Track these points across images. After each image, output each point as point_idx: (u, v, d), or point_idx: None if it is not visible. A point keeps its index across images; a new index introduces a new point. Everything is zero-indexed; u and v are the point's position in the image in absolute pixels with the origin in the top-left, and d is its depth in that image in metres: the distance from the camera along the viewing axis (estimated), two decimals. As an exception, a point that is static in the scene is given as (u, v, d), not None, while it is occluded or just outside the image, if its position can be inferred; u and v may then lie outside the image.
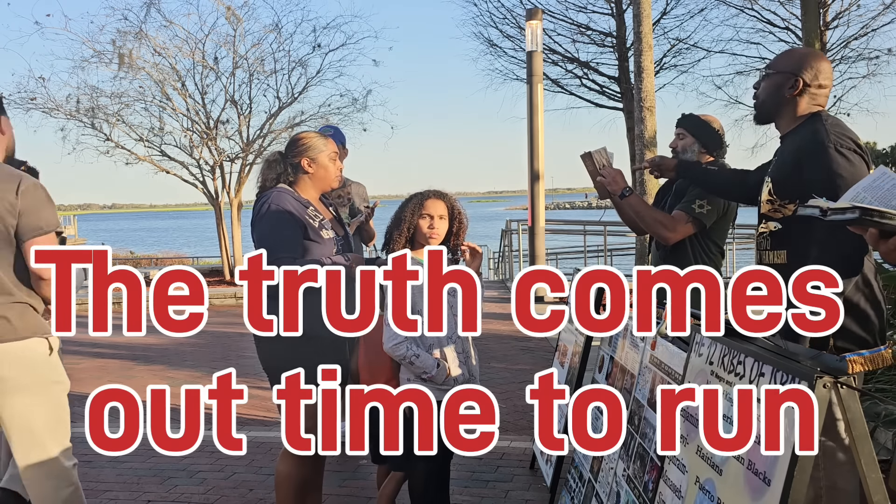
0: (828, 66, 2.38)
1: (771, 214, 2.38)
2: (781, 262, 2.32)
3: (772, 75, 2.39)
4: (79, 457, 4.25)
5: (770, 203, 2.38)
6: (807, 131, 2.29)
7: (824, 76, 2.35)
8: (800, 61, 2.37)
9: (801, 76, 2.33)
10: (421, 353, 2.58)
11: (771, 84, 2.39)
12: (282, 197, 2.72)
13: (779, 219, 2.35)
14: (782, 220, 2.34)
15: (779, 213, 2.34)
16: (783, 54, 2.47)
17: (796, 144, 2.32)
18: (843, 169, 2.14)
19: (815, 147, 2.21)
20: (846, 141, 2.19)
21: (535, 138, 10.27)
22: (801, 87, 2.33)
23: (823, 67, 2.36)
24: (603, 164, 3.11)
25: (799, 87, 2.33)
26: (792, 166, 2.30)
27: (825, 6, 13.23)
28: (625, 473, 2.43)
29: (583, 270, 2.59)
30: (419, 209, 2.66)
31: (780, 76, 2.37)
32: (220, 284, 12.90)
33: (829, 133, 2.21)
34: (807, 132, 2.28)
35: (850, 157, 2.16)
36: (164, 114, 13.38)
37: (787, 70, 2.36)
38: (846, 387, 1.49)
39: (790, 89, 2.34)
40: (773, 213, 2.37)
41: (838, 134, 2.21)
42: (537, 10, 10.47)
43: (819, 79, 2.34)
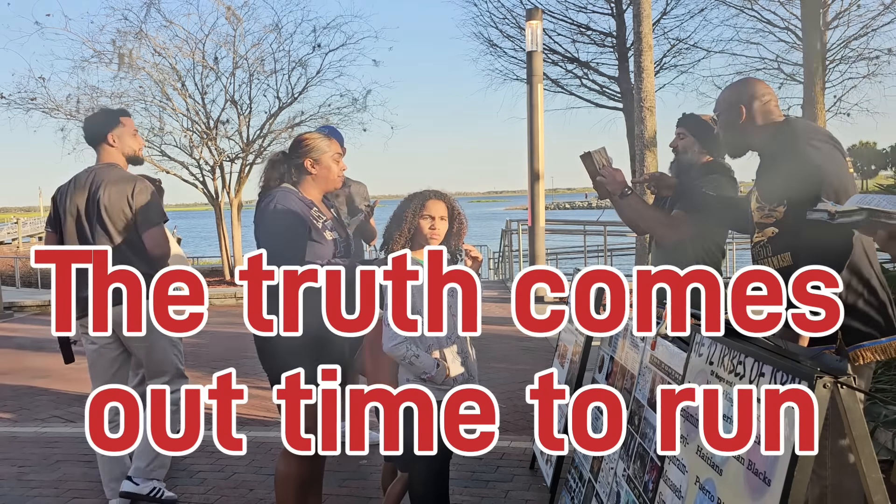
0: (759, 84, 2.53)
1: (764, 221, 2.42)
2: (787, 265, 2.32)
3: (720, 116, 2.57)
4: (79, 457, 4.27)
5: (760, 210, 2.43)
6: (779, 136, 2.41)
7: (761, 91, 2.49)
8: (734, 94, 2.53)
9: (742, 104, 2.48)
10: (420, 353, 2.58)
11: (722, 123, 2.57)
12: (287, 196, 2.73)
13: (772, 223, 2.37)
14: (777, 223, 2.36)
15: (771, 217, 2.37)
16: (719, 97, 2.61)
17: (772, 151, 2.43)
18: (818, 158, 2.23)
19: (790, 145, 2.32)
20: (816, 134, 2.33)
21: (535, 138, 10.26)
22: (746, 112, 2.47)
23: (755, 86, 2.51)
24: (602, 164, 3.11)
25: (744, 114, 2.47)
26: (772, 171, 2.40)
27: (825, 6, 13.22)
28: (625, 473, 2.43)
29: (583, 270, 2.59)
30: (420, 210, 2.66)
31: (725, 113, 2.53)
32: (220, 284, 12.91)
33: (798, 132, 2.33)
34: (779, 136, 2.40)
35: (821, 147, 2.26)
36: (164, 114, 13.41)
37: (728, 105, 2.52)
38: (846, 387, 1.49)
39: (738, 119, 2.48)
40: (765, 218, 2.41)
41: (806, 131, 2.34)
42: (537, 10, 10.47)
43: (758, 97, 2.48)
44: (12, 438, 4.70)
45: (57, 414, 5.22)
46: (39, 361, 7.14)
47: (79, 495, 3.70)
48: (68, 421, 5.06)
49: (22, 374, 6.62)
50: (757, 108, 2.46)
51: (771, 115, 2.47)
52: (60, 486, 3.84)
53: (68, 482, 3.89)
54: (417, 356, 2.57)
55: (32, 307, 11.34)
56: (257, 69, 13.30)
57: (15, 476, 4.01)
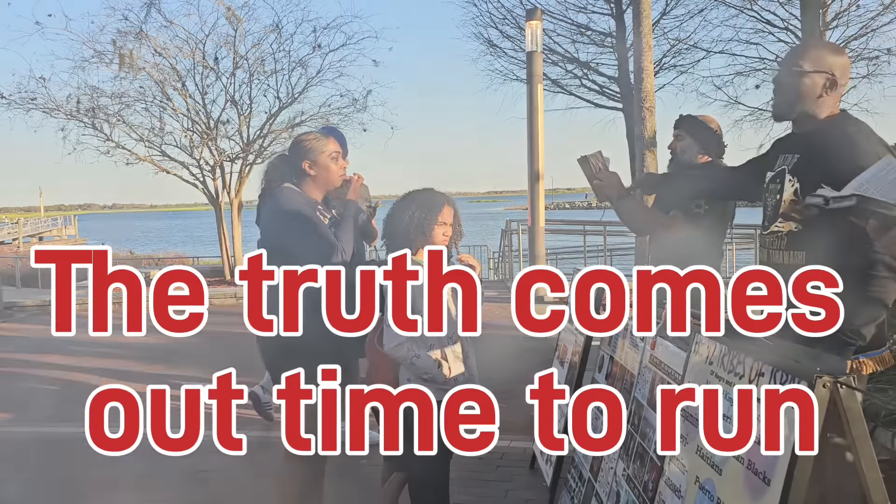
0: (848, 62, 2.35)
1: (792, 214, 2.29)
2: (797, 263, 2.26)
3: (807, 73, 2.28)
4: (79, 457, 4.26)
5: (794, 203, 2.28)
6: (838, 132, 2.23)
7: (847, 72, 2.32)
8: (834, 59, 2.30)
9: (834, 74, 2.27)
10: (421, 353, 2.58)
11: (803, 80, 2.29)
12: (293, 196, 2.73)
13: (799, 220, 2.27)
14: (803, 220, 2.26)
15: (800, 215, 2.27)
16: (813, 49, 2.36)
17: (827, 144, 2.23)
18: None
19: (849, 149, 2.16)
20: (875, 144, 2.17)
21: (535, 138, 10.26)
22: (832, 86, 2.27)
23: (847, 64, 2.33)
24: (599, 167, 3.11)
25: (830, 85, 2.27)
26: (822, 167, 2.20)
27: (825, 6, 13.21)
28: (625, 473, 2.43)
29: (583, 270, 2.59)
30: (438, 217, 2.64)
31: (815, 74, 2.27)
32: (220, 284, 12.90)
33: (862, 134, 2.19)
34: (837, 132, 2.23)
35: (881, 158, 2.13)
36: (165, 114, 13.39)
37: (821, 68, 2.27)
38: (846, 387, 1.49)
39: (826, 89, 2.27)
40: (793, 213, 2.28)
41: (868, 134, 2.20)
42: (537, 11, 10.47)
43: (846, 76, 2.31)
44: (12, 438, 4.70)
45: (57, 414, 5.23)
46: (39, 361, 7.14)
47: (79, 495, 3.70)
48: (68, 421, 5.06)
49: (22, 374, 6.62)
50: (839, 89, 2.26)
51: (839, 103, 2.30)
52: (60, 486, 3.84)
53: (68, 482, 3.89)
54: (418, 356, 2.57)
55: (32, 307, 11.34)
56: (257, 69, 13.29)
57: (15, 476, 4.01)
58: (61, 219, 55.47)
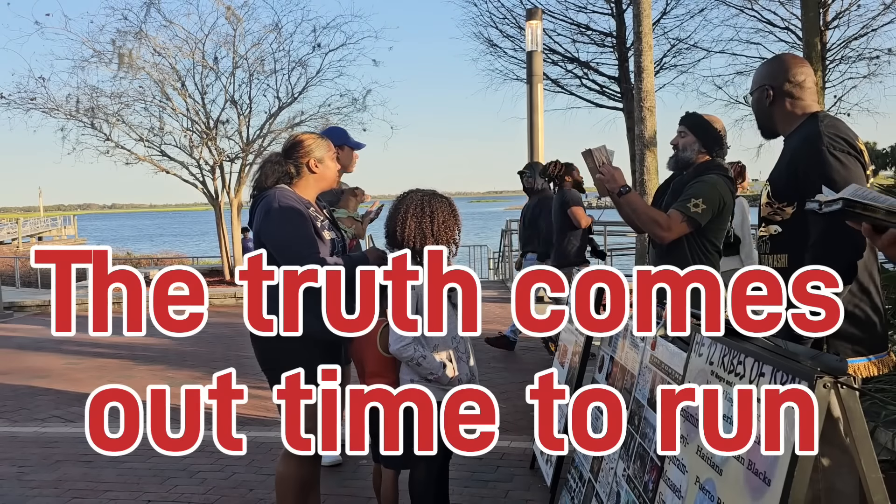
0: (797, 64, 2.38)
1: (770, 217, 2.37)
2: (782, 266, 2.30)
3: (753, 93, 2.47)
4: (79, 457, 4.27)
5: (769, 206, 2.37)
6: (802, 133, 2.30)
7: (795, 74, 2.36)
8: (766, 71, 2.42)
9: (769, 84, 2.38)
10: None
11: (753, 101, 2.48)
12: (287, 195, 2.73)
13: (778, 222, 2.34)
14: (782, 223, 2.33)
15: (778, 217, 2.33)
16: (755, 73, 2.50)
17: (792, 147, 2.33)
18: (836, 171, 2.14)
19: (809, 149, 2.22)
20: (839, 143, 2.19)
21: (535, 138, 10.27)
22: (773, 95, 2.37)
23: (790, 66, 2.37)
24: (602, 161, 3.14)
25: (770, 95, 2.38)
26: (787, 169, 2.31)
27: (825, 6, 13.23)
28: (625, 473, 2.43)
29: (583, 270, 2.59)
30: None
31: (756, 92, 2.43)
32: (220, 284, 12.90)
33: (823, 135, 2.21)
34: (802, 134, 2.30)
35: (842, 160, 2.16)
36: (164, 114, 13.40)
37: (758, 84, 2.44)
38: (846, 387, 1.49)
39: (767, 100, 2.39)
40: (772, 216, 2.36)
41: (832, 135, 2.21)
42: (537, 10, 10.48)
43: (792, 79, 2.35)
44: (12, 438, 4.70)
45: (57, 414, 5.22)
46: (39, 361, 7.14)
47: (79, 495, 3.70)
48: (68, 421, 5.06)
49: (22, 374, 6.62)
50: (787, 91, 2.34)
51: (801, 102, 2.35)
52: (60, 486, 3.84)
53: (68, 482, 3.89)
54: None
55: (32, 307, 11.34)
56: (257, 69, 13.30)
57: (15, 476, 4.01)
58: (61, 219, 55.46)
